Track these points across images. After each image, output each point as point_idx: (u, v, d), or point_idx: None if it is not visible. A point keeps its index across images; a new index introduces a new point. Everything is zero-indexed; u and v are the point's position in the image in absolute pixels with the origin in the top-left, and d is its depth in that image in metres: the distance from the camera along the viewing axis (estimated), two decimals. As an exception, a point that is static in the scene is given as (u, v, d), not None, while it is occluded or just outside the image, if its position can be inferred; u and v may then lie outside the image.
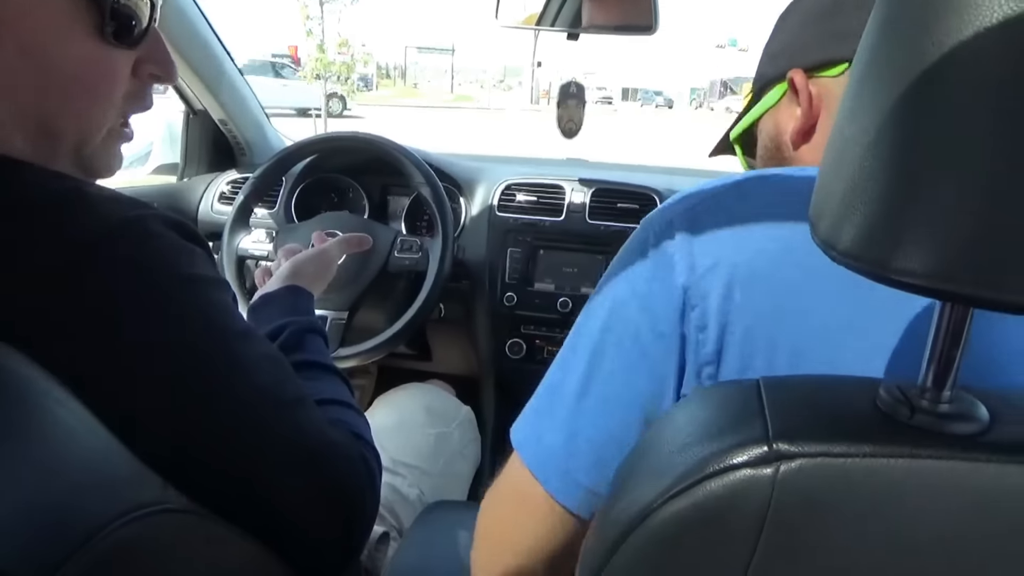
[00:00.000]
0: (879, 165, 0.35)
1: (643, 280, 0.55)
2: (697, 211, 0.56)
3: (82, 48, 0.58)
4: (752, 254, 0.52)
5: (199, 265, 0.61)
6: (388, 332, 1.34)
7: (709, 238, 0.54)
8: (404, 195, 1.62)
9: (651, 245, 0.56)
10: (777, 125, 0.70)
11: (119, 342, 0.55)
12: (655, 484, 0.40)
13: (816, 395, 0.42)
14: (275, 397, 0.63)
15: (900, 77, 0.34)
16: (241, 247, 1.43)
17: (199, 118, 1.67)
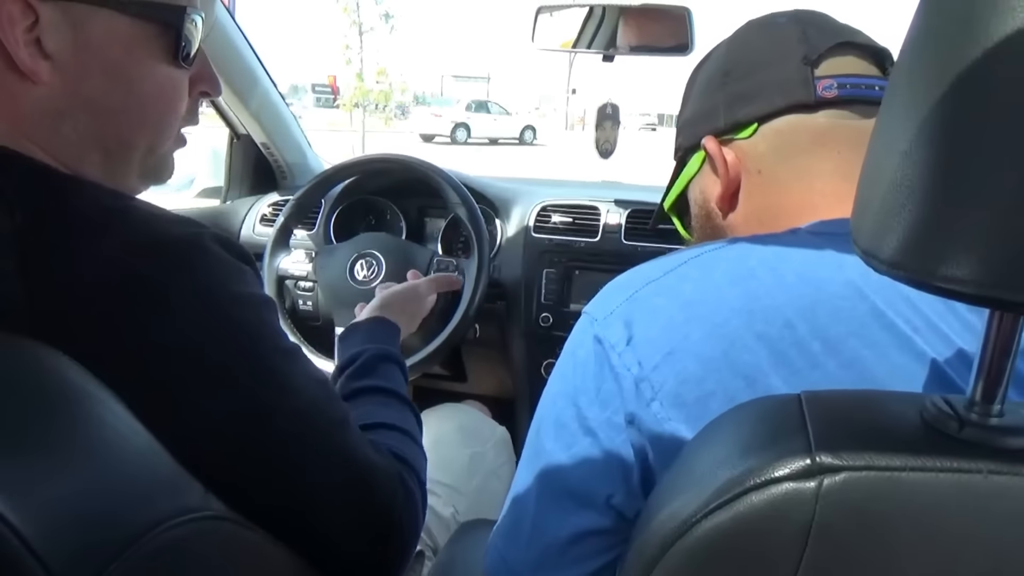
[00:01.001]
0: (920, 171, 0.34)
1: (591, 377, 0.53)
2: (640, 300, 0.55)
3: (158, 71, 0.63)
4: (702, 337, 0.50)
5: (249, 284, 0.62)
6: (424, 352, 1.35)
7: (653, 332, 0.52)
8: (440, 217, 1.64)
9: (590, 339, 0.54)
10: (703, 192, 0.70)
11: (170, 356, 0.56)
12: (695, 497, 0.40)
13: (859, 409, 0.42)
14: (318, 417, 0.64)
15: (940, 80, 0.33)
16: (281, 267, 1.45)
17: (242, 142, 1.71)
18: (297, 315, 1.55)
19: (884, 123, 0.39)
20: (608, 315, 0.54)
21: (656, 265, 0.56)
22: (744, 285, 0.51)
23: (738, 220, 0.67)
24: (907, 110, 0.36)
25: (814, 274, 0.51)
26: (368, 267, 1.38)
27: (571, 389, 0.54)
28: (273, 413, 0.61)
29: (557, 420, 0.54)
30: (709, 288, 0.52)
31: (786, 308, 0.49)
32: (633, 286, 0.55)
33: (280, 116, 1.68)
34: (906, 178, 0.35)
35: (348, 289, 1.37)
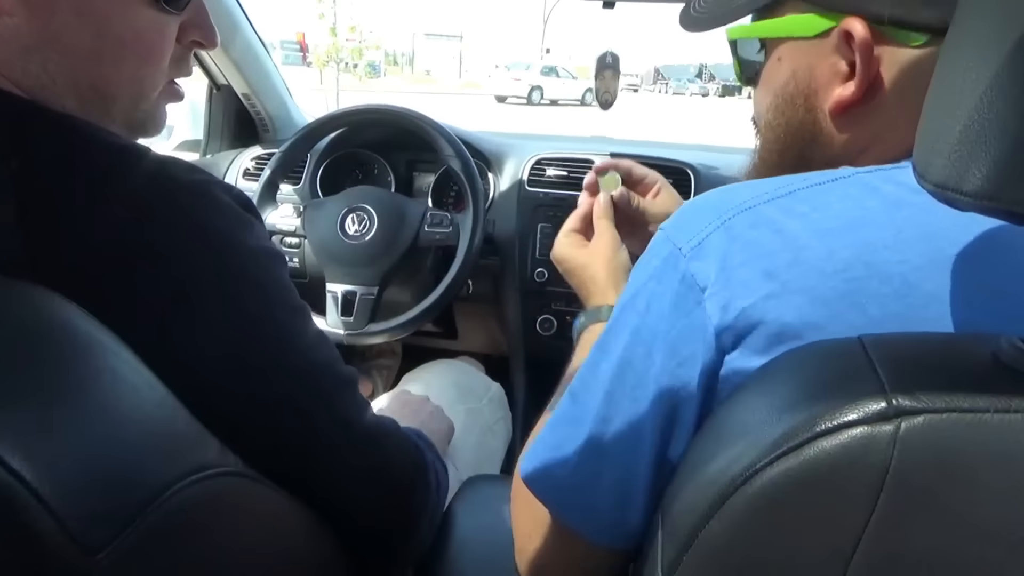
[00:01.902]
0: (1009, 97, 0.32)
1: (665, 318, 0.49)
2: (735, 230, 0.48)
3: (137, 14, 0.57)
4: (805, 301, 0.45)
5: (260, 236, 0.60)
6: (419, 308, 1.32)
7: (749, 271, 0.46)
8: (431, 171, 1.59)
9: (671, 269, 0.49)
10: (812, 73, 0.56)
11: (180, 307, 0.53)
12: (756, 443, 0.38)
13: (929, 350, 0.40)
14: (325, 376, 0.63)
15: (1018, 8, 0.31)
16: (268, 222, 1.40)
17: (222, 93, 1.64)
18: None
19: (949, 64, 0.36)
20: (696, 246, 0.48)
21: (756, 189, 0.50)
22: (860, 233, 0.46)
23: (846, 138, 0.56)
24: (977, 50, 0.34)
25: (933, 227, 0.46)
26: (359, 221, 1.34)
27: (641, 324, 0.51)
28: (281, 369, 0.59)
29: (622, 360, 0.51)
30: (820, 230, 0.46)
31: (905, 265, 0.44)
32: (726, 210, 0.49)
33: (262, 66, 1.61)
34: (993, 106, 0.33)
35: (339, 244, 1.34)
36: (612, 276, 0.83)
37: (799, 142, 0.59)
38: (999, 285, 0.45)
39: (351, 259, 1.33)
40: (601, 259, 0.84)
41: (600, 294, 0.82)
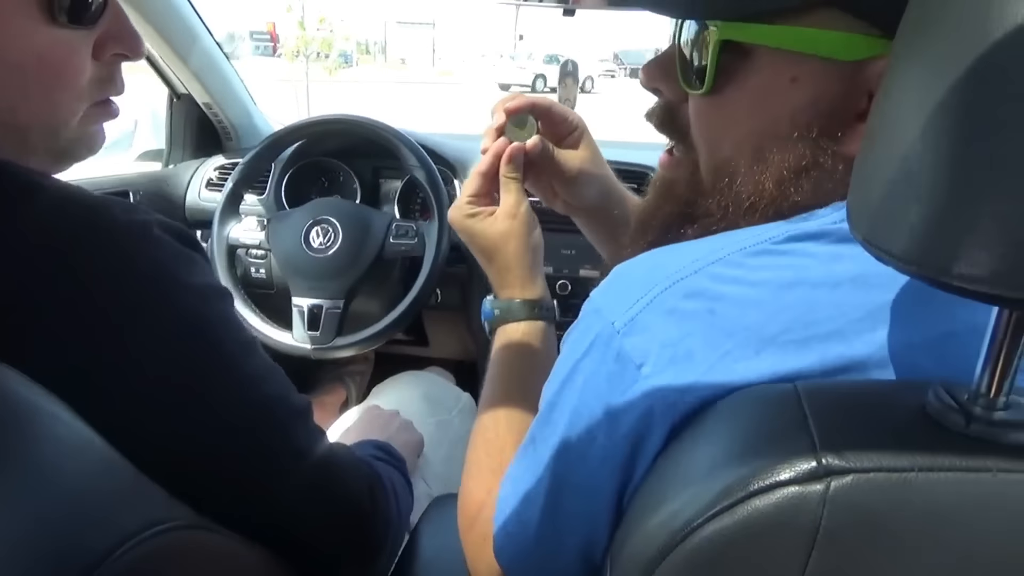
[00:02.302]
0: (935, 158, 0.32)
1: (602, 397, 0.48)
2: (669, 303, 0.46)
3: (37, 36, 0.52)
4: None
5: (200, 273, 0.58)
6: (386, 320, 1.32)
7: (687, 345, 0.45)
8: (396, 178, 1.58)
9: (605, 346, 0.47)
10: (839, 105, 0.49)
11: (120, 353, 0.52)
12: (695, 499, 0.38)
13: (860, 401, 0.40)
14: (278, 407, 0.62)
15: (956, 54, 0.31)
16: (232, 236, 1.39)
17: (183, 102, 1.62)
18: (250, 284, 1.49)
19: (886, 106, 0.37)
20: (630, 322, 0.46)
21: (685, 257, 0.47)
22: (796, 293, 0.45)
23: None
24: (914, 94, 0.34)
25: (869, 276, 0.45)
26: (324, 234, 1.33)
27: (579, 404, 0.50)
28: (234, 405, 0.59)
29: (564, 441, 0.50)
30: (757, 295, 0.45)
31: (843, 319, 0.44)
32: (657, 282, 0.47)
33: (223, 74, 1.59)
34: (920, 164, 0.33)
35: (303, 257, 1.33)
36: (525, 262, 0.74)
37: (793, 185, 0.50)
38: (931, 328, 0.45)
39: (316, 272, 1.32)
40: (513, 242, 0.73)
41: (512, 286, 0.75)
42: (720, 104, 0.53)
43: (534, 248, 0.75)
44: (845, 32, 0.47)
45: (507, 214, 0.74)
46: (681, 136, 0.59)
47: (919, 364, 0.45)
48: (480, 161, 0.76)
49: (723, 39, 0.50)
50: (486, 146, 0.76)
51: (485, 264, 0.77)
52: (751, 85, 0.51)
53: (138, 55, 0.61)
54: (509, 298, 0.75)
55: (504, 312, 0.74)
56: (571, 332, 0.53)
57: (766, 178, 0.51)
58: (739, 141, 0.53)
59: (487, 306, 0.76)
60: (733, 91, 0.52)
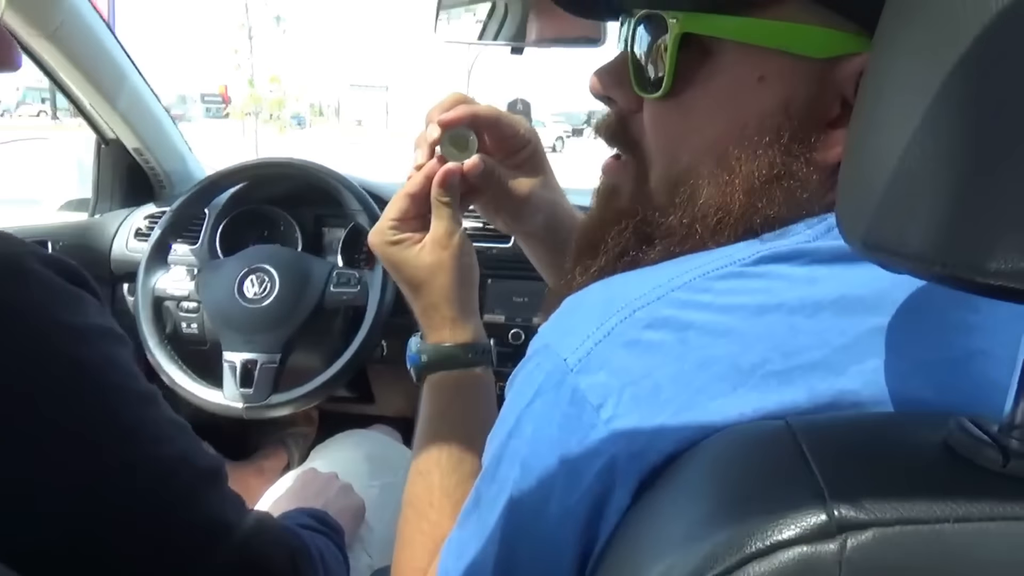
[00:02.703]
0: (944, 145, 0.27)
1: (556, 445, 0.41)
2: (629, 334, 0.40)
3: None
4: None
5: (88, 313, 0.50)
6: (325, 375, 1.22)
7: (652, 382, 0.39)
8: (340, 226, 1.51)
9: (557, 387, 0.41)
10: (812, 107, 0.44)
11: None
12: (674, 570, 0.31)
13: (867, 438, 0.34)
14: (184, 471, 0.53)
15: (949, 37, 0.26)
16: (159, 287, 1.29)
17: (112, 148, 1.53)
18: (180, 339, 1.38)
19: (874, 101, 0.31)
20: (585, 357, 0.40)
21: (644, 283, 0.42)
22: (771, 318, 0.39)
23: (824, 200, 0.44)
24: (906, 83, 0.29)
25: (849, 298, 0.41)
26: (259, 283, 1.24)
27: (529, 455, 0.42)
28: (130, 469, 0.50)
29: (513, 502, 0.43)
30: (728, 323, 0.39)
31: (825, 348, 0.39)
32: (615, 311, 0.41)
33: (155, 118, 1.51)
34: (923, 162, 0.27)
35: (236, 309, 1.23)
36: (456, 299, 0.64)
37: (764, 196, 0.45)
38: (927, 353, 0.40)
39: (250, 325, 1.23)
40: (442, 275, 0.63)
41: (441, 328, 0.65)
42: (680, 108, 0.47)
43: (468, 283, 0.65)
44: (816, 26, 0.42)
45: (436, 243, 0.63)
46: (632, 147, 0.53)
47: (916, 395, 0.39)
48: (409, 180, 0.65)
49: (684, 32, 0.45)
50: (420, 162, 0.65)
51: (411, 299, 0.66)
52: (715, 86, 0.46)
53: (8, 66, 0.53)
54: (437, 342, 0.65)
55: (432, 358, 0.64)
56: (517, 374, 0.46)
57: (734, 189, 0.45)
58: (701, 149, 0.47)
59: (412, 349, 0.66)
60: (695, 93, 0.46)
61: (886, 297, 0.40)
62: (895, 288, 0.40)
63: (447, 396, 0.65)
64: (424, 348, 0.65)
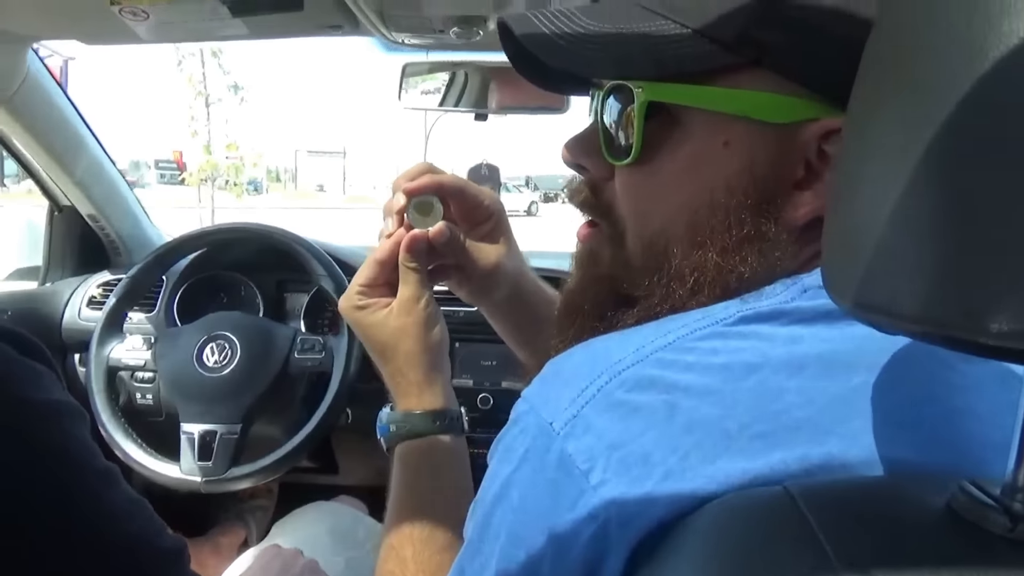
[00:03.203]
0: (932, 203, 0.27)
1: (544, 514, 0.39)
2: (614, 396, 0.39)
3: None
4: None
5: (45, 388, 0.48)
6: (289, 445, 1.18)
7: (639, 446, 0.38)
8: (303, 291, 1.48)
9: (543, 452, 0.40)
10: (775, 171, 0.45)
11: None
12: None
13: (870, 503, 0.33)
14: (146, 550, 0.50)
15: (938, 82, 0.26)
16: (113, 357, 1.25)
17: (65, 214, 1.49)
18: (135, 411, 1.33)
19: (855, 159, 0.32)
20: (571, 419, 0.39)
21: (628, 344, 0.41)
22: (755, 379, 0.39)
23: (797, 258, 0.45)
24: (889, 138, 0.29)
25: (833, 358, 0.40)
26: (220, 351, 1.21)
27: (516, 523, 0.41)
28: (89, 549, 0.47)
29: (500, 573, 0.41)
30: (712, 384, 0.39)
31: (811, 408, 0.38)
32: (600, 373, 0.40)
33: (111, 184, 1.48)
34: (912, 218, 0.27)
35: (195, 378, 1.19)
36: (424, 365, 0.64)
37: (736, 255, 0.45)
38: (911, 413, 0.40)
39: (210, 394, 1.18)
40: (408, 341, 0.64)
41: (408, 394, 0.65)
42: (650, 173, 0.48)
43: (435, 349, 0.65)
44: (776, 93, 0.44)
45: (403, 308, 0.64)
46: (606, 214, 0.53)
47: (903, 455, 0.38)
48: (378, 247, 0.66)
49: (649, 100, 0.46)
50: (389, 231, 0.66)
51: (380, 364, 0.67)
52: (682, 151, 0.47)
53: None
54: (406, 410, 0.65)
55: (401, 426, 0.64)
56: (500, 440, 0.45)
57: (707, 250, 0.46)
58: (673, 212, 0.48)
59: (382, 419, 0.66)
60: (663, 158, 0.48)
61: (868, 356, 0.40)
62: (876, 347, 0.40)
63: (416, 465, 0.64)
64: (393, 417, 0.65)
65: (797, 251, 0.45)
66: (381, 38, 1.11)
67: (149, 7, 0.98)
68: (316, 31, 1.08)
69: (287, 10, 0.95)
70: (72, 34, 1.14)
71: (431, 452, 0.64)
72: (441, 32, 1.06)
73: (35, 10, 1.04)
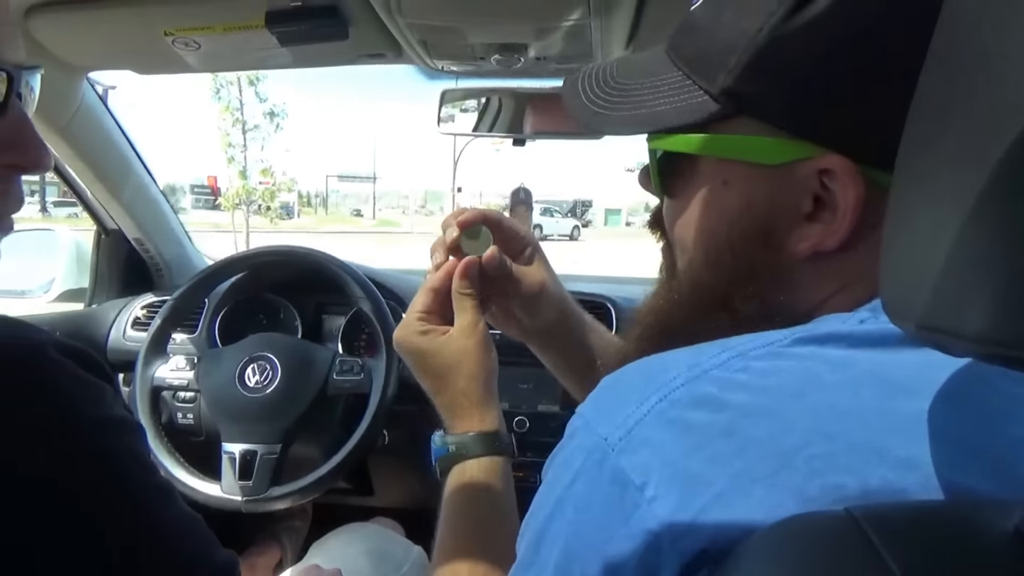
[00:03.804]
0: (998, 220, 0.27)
1: (599, 528, 0.40)
2: (670, 413, 0.39)
3: None
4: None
5: (108, 404, 0.49)
6: (326, 466, 1.19)
7: (694, 462, 0.38)
8: (340, 314, 1.50)
9: (598, 467, 0.40)
10: (773, 207, 0.47)
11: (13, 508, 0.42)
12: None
13: (934, 525, 0.33)
14: (206, 565, 0.51)
15: (994, 111, 0.26)
16: (157, 377, 1.27)
17: (112, 238, 1.53)
18: (176, 430, 1.35)
19: (914, 175, 0.32)
20: (625, 435, 0.39)
21: (683, 361, 0.42)
22: (812, 399, 0.39)
23: (811, 287, 0.48)
24: (961, 144, 0.29)
25: (889, 382, 0.40)
26: (261, 371, 1.22)
27: (572, 535, 0.41)
28: (151, 566, 0.48)
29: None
30: (768, 403, 0.39)
31: (869, 430, 0.38)
32: (655, 390, 0.40)
33: (157, 208, 1.52)
34: (986, 230, 0.27)
35: (237, 398, 1.21)
36: (483, 387, 0.66)
37: (749, 280, 0.49)
38: (974, 439, 0.39)
39: (251, 414, 1.20)
40: (469, 363, 0.66)
41: (469, 416, 0.67)
42: (675, 207, 0.54)
43: (491, 373, 0.68)
44: (765, 136, 0.47)
45: (463, 332, 0.67)
46: (663, 234, 0.58)
47: (963, 482, 0.38)
48: (430, 277, 0.70)
49: (654, 148, 0.52)
50: (438, 262, 0.70)
51: (436, 390, 0.69)
52: (693, 189, 0.51)
53: (40, 167, 0.53)
54: (466, 431, 0.66)
55: (460, 448, 0.66)
56: (555, 455, 0.45)
57: (721, 277, 0.50)
58: (696, 241, 0.52)
59: (438, 442, 0.67)
60: (681, 195, 0.53)
61: (925, 381, 0.40)
62: (933, 373, 0.40)
63: (473, 484, 0.65)
64: (451, 440, 0.67)
65: (814, 280, 0.47)
66: (423, 65, 1.13)
67: (201, 38, 1.01)
68: (360, 59, 1.11)
69: (333, 39, 0.97)
70: (126, 65, 1.18)
71: (488, 472, 0.65)
72: (482, 59, 1.08)
73: (92, 43, 1.08)
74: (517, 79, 1.28)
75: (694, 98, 0.48)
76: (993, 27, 0.28)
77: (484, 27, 0.97)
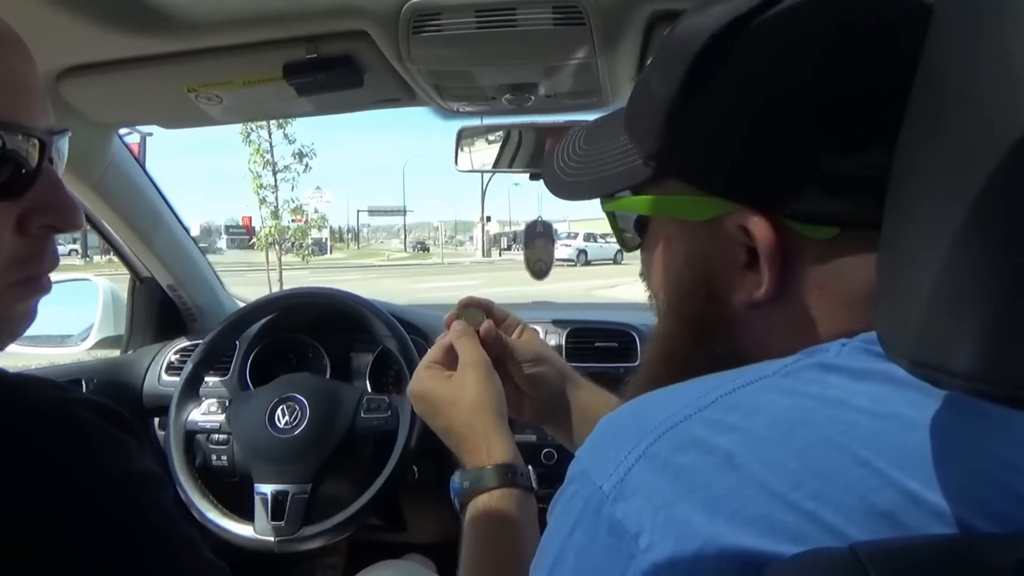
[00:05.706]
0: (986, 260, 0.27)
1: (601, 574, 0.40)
2: (660, 458, 0.39)
3: None
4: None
5: (132, 459, 0.50)
6: (358, 503, 1.20)
7: (685, 507, 0.38)
8: (367, 351, 1.52)
9: (594, 515, 0.41)
10: (709, 261, 0.49)
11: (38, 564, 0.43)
12: None
13: (937, 562, 0.33)
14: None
15: (981, 150, 0.27)
16: (190, 420, 1.30)
17: (146, 285, 1.58)
18: (210, 472, 1.38)
19: (908, 204, 0.32)
20: (619, 483, 0.40)
21: (673, 403, 0.42)
22: (802, 436, 0.39)
23: (759, 332, 0.49)
24: (945, 185, 0.30)
25: (882, 415, 0.40)
26: (290, 412, 1.25)
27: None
28: None
29: None
30: (757, 443, 0.39)
31: (864, 468, 0.38)
32: (645, 434, 0.41)
33: (188, 256, 1.56)
34: (971, 267, 0.28)
35: (268, 439, 1.23)
36: (491, 419, 0.69)
37: (705, 331, 0.50)
38: (972, 472, 0.38)
39: (281, 455, 1.22)
40: (471, 393, 0.70)
41: (477, 450, 0.69)
42: (643, 261, 0.57)
43: (497, 400, 0.71)
44: (691, 195, 0.48)
45: (463, 365, 0.73)
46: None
47: (962, 516, 0.37)
48: (439, 339, 0.79)
49: (607, 210, 0.57)
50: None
51: (444, 429, 0.73)
52: (650, 246, 0.55)
53: (73, 227, 0.54)
54: (476, 466, 0.68)
55: (474, 482, 0.67)
56: (557, 500, 0.45)
57: (683, 325, 0.52)
58: (659, 291, 0.55)
59: (455, 480, 0.70)
60: (644, 250, 0.56)
61: (918, 416, 0.40)
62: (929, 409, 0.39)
63: (487, 516, 0.66)
64: (465, 475, 0.68)
65: (765, 329, 0.48)
66: (437, 107, 1.16)
67: (222, 92, 1.05)
68: (376, 104, 1.14)
69: (349, 88, 1.01)
70: (153, 120, 1.23)
71: (502, 503, 0.66)
72: (494, 99, 1.11)
73: (119, 102, 1.13)
74: (530, 116, 1.30)
75: (635, 161, 0.51)
76: (971, 68, 0.29)
77: (493, 70, 1.00)
